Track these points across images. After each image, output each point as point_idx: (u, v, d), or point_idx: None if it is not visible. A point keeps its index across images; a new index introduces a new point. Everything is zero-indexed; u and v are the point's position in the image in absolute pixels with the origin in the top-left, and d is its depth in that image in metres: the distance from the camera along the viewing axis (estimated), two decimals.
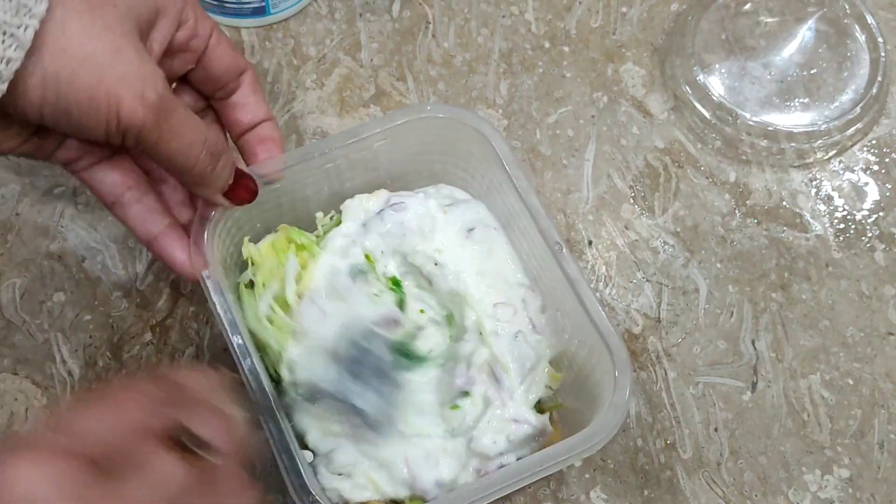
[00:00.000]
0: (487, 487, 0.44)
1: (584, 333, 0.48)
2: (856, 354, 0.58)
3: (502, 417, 0.48)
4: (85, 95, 0.38)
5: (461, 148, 0.53)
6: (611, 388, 0.46)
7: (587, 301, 0.47)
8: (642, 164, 0.63)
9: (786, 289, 0.59)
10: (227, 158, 0.45)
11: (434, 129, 0.52)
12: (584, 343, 0.49)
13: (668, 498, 0.54)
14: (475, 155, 0.52)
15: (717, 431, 0.56)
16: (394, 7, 0.67)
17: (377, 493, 0.47)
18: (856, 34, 0.66)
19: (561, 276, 0.48)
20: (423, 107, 0.52)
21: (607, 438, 0.45)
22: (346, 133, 0.51)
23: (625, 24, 0.68)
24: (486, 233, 0.52)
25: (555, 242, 0.48)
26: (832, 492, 0.54)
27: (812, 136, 0.63)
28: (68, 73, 0.38)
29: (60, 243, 0.58)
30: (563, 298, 0.49)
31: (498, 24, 0.67)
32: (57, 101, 0.38)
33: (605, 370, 0.47)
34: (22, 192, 0.59)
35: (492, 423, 0.47)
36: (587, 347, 0.48)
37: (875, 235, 0.62)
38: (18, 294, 0.57)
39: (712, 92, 0.63)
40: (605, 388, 0.46)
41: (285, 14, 0.65)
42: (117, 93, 0.38)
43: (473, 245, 0.52)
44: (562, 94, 0.65)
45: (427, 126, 0.52)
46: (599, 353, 0.47)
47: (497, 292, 0.51)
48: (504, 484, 0.44)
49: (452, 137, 0.52)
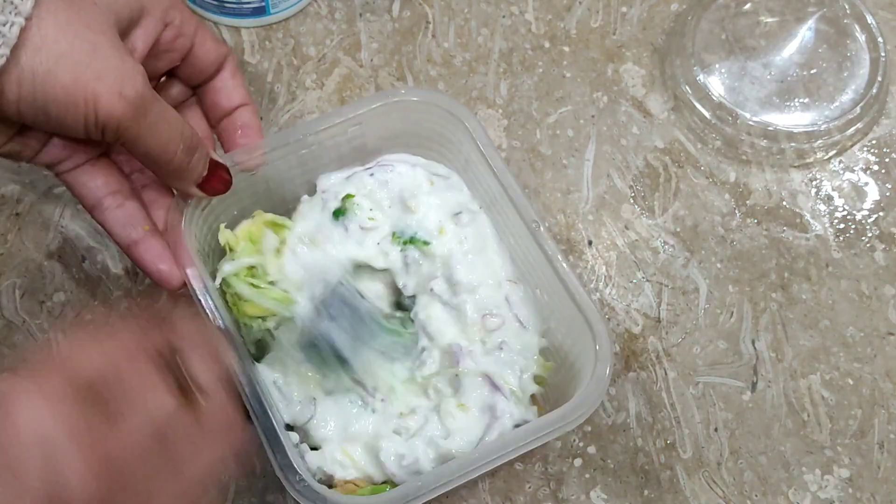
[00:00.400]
0: (465, 465, 0.43)
1: (564, 310, 0.48)
2: (856, 354, 0.58)
3: (505, 426, 0.47)
4: (62, 92, 0.38)
5: (436, 131, 0.53)
6: (592, 362, 0.46)
7: (565, 276, 0.47)
8: (642, 164, 0.63)
9: (786, 289, 0.59)
10: (202, 151, 0.45)
11: (409, 113, 0.52)
12: (564, 320, 0.49)
13: (668, 498, 0.54)
14: (450, 138, 0.53)
15: (717, 431, 0.56)
16: (394, 7, 0.67)
17: (357, 470, 0.47)
18: (856, 34, 0.66)
19: (540, 255, 0.48)
20: (397, 91, 0.52)
21: (588, 412, 0.44)
22: (322, 118, 0.51)
23: (625, 24, 0.68)
24: (473, 218, 0.52)
25: (532, 220, 0.49)
26: (832, 492, 0.54)
27: (812, 136, 0.63)
28: (44, 70, 0.38)
29: (60, 243, 0.58)
30: (543, 277, 0.49)
31: (498, 23, 0.67)
32: (34, 98, 0.38)
33: (585, 345, 0.47)
34: (22, 192, 0.59)
35: (495, 433, 0.47)
36: (567, 324, 0.49)
37: (875, 235, 0.62)
38: (18, 294, 0.57)
39: (712, 92, 0.63)
40: (586, 362, 0.46)
41: (285, 14, 0.65)
42: (95, 89, 0.39)
43: (460, 230, 0.52)
44: (562, 93, 0.65)
45: (402, 110, 0.52)
46: (579, 328, 0.47)
47: (484, 297, 0.51)
48: (486, 460, 0.43)
49: (427, 121, 0.52)
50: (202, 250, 0.50)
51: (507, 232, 0.52)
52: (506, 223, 0.51)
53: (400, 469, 0.46)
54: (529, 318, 0.51)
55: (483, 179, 0.52)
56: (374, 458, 0.46)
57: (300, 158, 0.52)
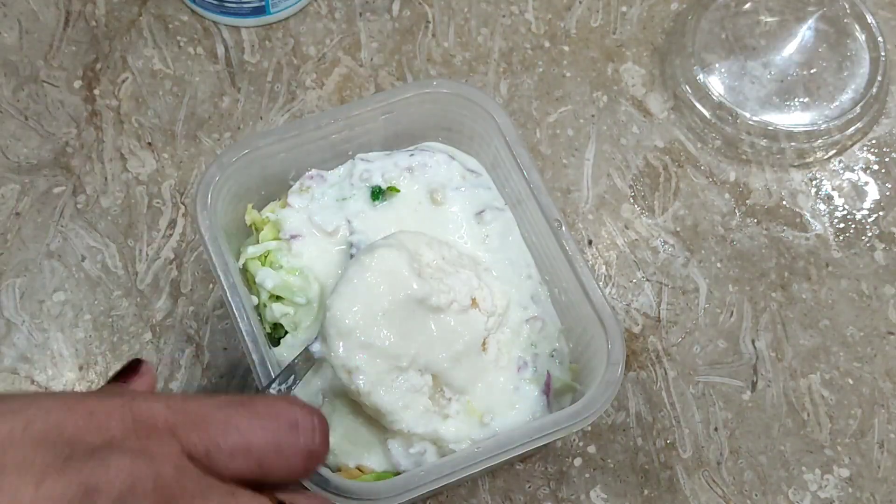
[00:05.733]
0: (470, 458, 0.43)
1: (581, 310, 0.48)
2: (856, 354, 0.58)
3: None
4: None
5: (465, 124, 0.53)
6: (603, 363, 0.45)
7: (583, 277, 0.47)
8: (642, 163, 0.63)
9: (786, 288, 0.59)
10: None
11: (439, 105, 0.52)
12: (579, 319, 0.49)
13: (668, 497, 0.54)
14: (479, 131, 0.53)
15: (716, 431, 0.56)
16: (394, 6, 0.67)
17: (363, 457, 0.47)
18: (856, 34, 0.66)
19: (560, 254, 0.48)
20: (428, 82, 0.52)
21: (599, 412, 0.44)
22: (352, 105, 0.51)
23: (625, 24, 0.68)
24: (497, 216, 0.52)
25: (554, 219, 0.49)
26: (832, 491, 0.54)
27: (812, 136, 0.63)
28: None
29: (60, 243, 0.58)
30: (562, 276, 0.49)
31: (498, 23, 0.67)
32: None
33: (598, 346, 0.47)
34: (22, 192, 0.59)
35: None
36: (582, 324, 0.49)
37: (875, 235, 0.62)
38: (18, 294, 0.57)
39: (712, 91, 0.63)
40: (598, 364, 0.46)
41: (285, 13, 0.65)
42: None
43: (483, 228, 0.52)
44: (562, 93, 0.65)
45: (433, 101, 0.52)
46: (593, 329, 0.47)
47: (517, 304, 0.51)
48: (491, 454, 0.43)
49: (457, 113, 0.52)
50: (227, 230, 0.49)
51: (530, 231, 0.52)
52: (528, 220, 0.51)
53: (406, 459, 0.46)
54: (554, 316, 0.51)
55: (510, 176, 0.52)
56: (383, 447, 0.46)
57: (330, 143, 0.51)
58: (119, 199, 0.59)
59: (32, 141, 0.61)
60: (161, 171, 0.60)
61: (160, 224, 0.59)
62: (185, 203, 0.59)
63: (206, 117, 0.62)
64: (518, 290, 0.51)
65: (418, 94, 0.51)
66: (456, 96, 0.52)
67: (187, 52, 0.64)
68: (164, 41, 0.65)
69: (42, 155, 0.60)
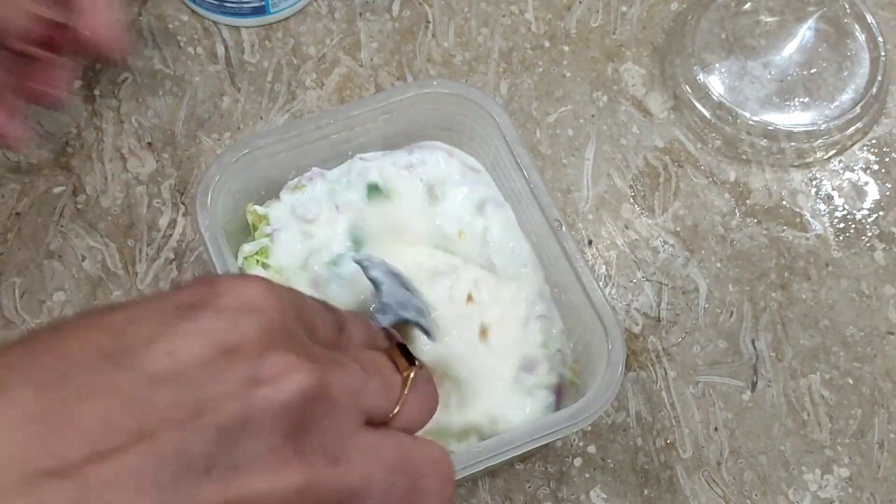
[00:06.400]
0: (470, 458, 0.43)
1: (581, 310, 0.48)
2: (856, 354, 0.58)
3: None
4: None
5: (465, 124, 0.53)
6: (604, 364, 0.45)
7: (583, 277, 0.47)
8: (642, 163, 0.63)
9: (786, 288, 0.59)
10: None
11: (439, 105, 0.52)
12: (581, 319, 0.49)
13: (668, 497, 0.54)
14: (479, 131, 0.53)
15: (716, 431, 0.56)
16: (394, 6, 0.67)
17: None
18: (856, 34, 0.66)
19: (560, 254, 0.48)
20: (428, 82, 0.52)
21: (599, 412, 0.44)
22: (352, 105, 0.51)
23: (625, 24, 0.68)
24: (497, 210, 0.52)
25: (554, 219, 0.49)
26: (832, 491, 0.54)
27: (812, 136, 0.63)
28: None
29: (60, 243, 0.58)
30: (562, 276, 0.49)
31: (498, 23, 0.67)
32: None
33: (598, 347, 0.47)
34: (22, 192, 0.59)
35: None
36: (583, 324, 0.49)
37: (875, 235, 0.62)
38: (18, 294, 0.57)
39: (712, 91, 0.63)
40: (597, 365, 0.46)
41: (285, 13, 0.65)
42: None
43: (484, 220, 0.52)
44: (562, 93, 0.65)
45: (433, 101, 0.52)
46: (594, 329, 0.47)
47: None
48: (489, 455, 0.43)
49: (457, 114, 0.53)
50: (227, 228, 0.49)
51: (530, 231, 0.52)
52: (528, 221, 0.51)
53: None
54: (556, 317, 0.51)
55: (510, 176, 0.52)
56: None
57: (330, 143, 0.52)
58: (119, 199, 0.59)
59: (32, 141, 0.61)
60: (161, 171, 0.60)
61: (160, 224, 0.59)
62: (185, 203, 0.59)
63: (206, 117, 0.62)
64: (523, 284, 0.51)
65: (418, 94, 0.51)
66: (456, 96, 0.52)
67: (187, 52, 0.64)
68: (164, 41, 0.65)
69: (42, 155, 0.60)
